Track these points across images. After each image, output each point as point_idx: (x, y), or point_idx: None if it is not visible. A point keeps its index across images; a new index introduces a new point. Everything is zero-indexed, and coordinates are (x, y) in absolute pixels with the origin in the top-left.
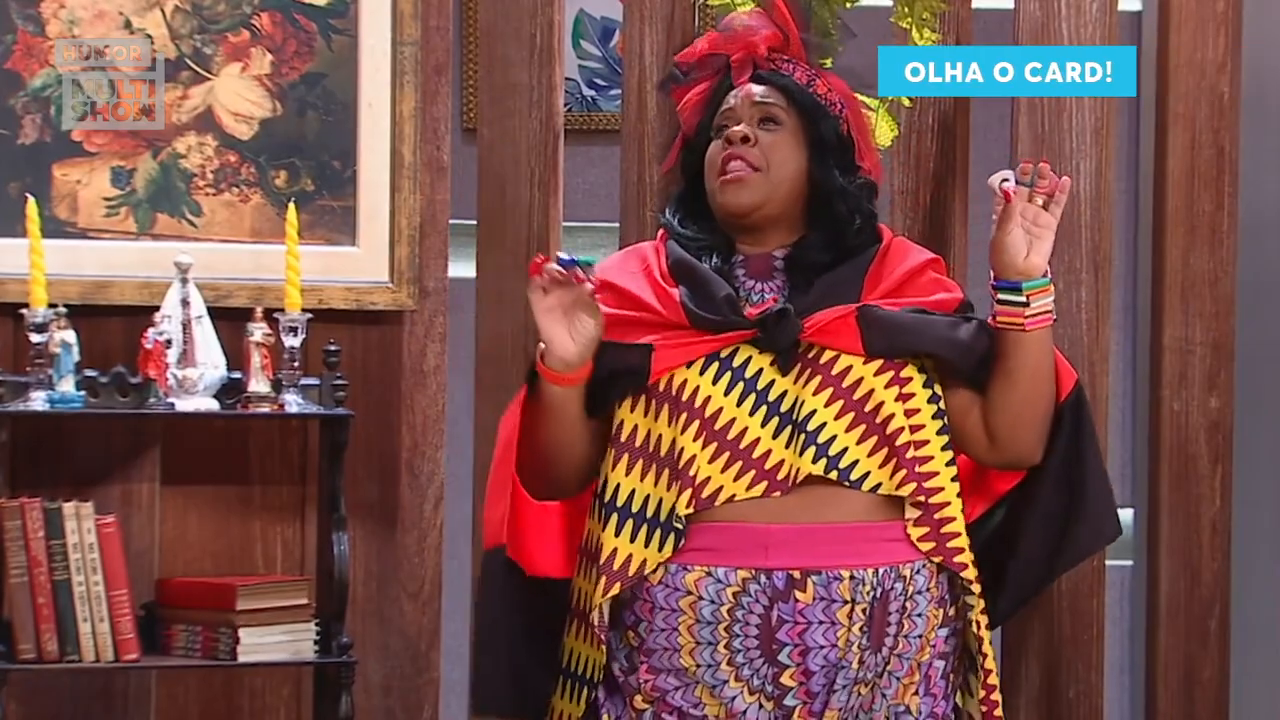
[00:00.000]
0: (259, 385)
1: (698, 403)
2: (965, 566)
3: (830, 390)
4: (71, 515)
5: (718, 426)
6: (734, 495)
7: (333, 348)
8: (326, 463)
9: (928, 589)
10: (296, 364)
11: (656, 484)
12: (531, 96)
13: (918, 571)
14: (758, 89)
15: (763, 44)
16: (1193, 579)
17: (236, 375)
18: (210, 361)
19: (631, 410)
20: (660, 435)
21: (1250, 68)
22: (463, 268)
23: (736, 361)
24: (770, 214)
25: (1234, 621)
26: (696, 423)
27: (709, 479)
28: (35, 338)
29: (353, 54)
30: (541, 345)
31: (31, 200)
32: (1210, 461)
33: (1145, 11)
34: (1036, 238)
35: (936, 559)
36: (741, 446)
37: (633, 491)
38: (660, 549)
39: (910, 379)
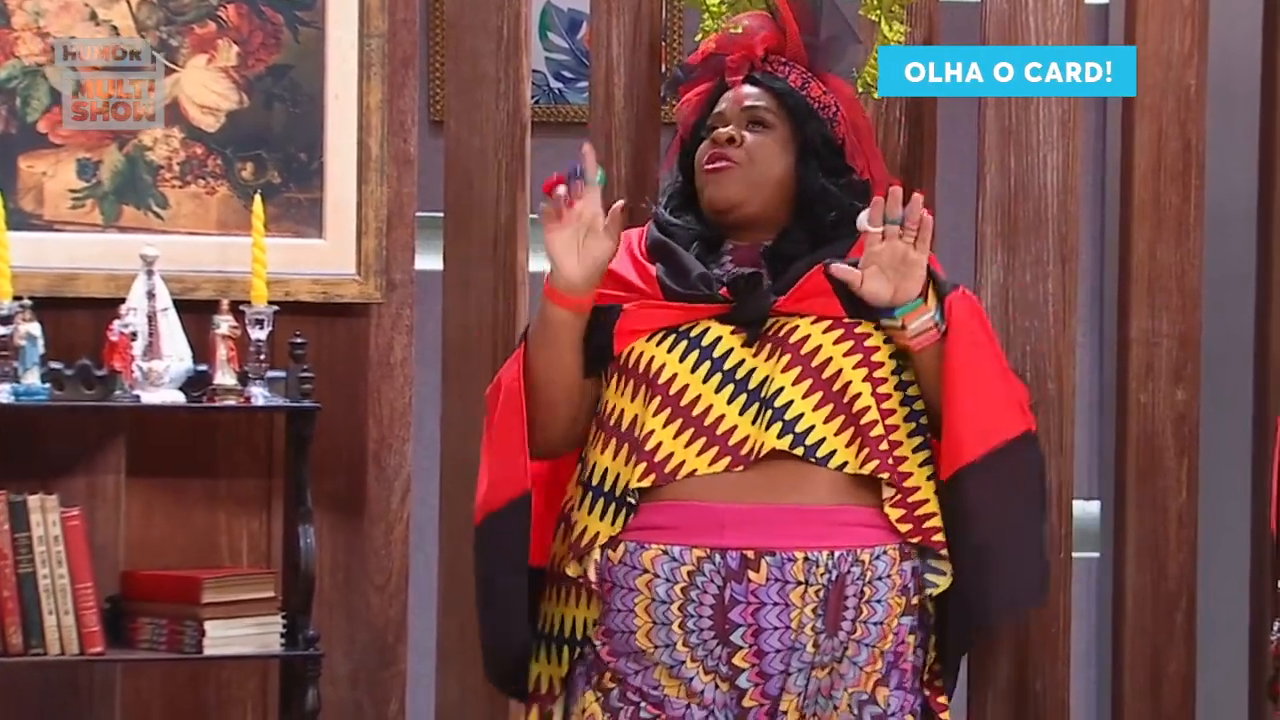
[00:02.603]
0: (225, 378)
1: (662, 379)
2: (943, 545)
3: (799, 369)
4: (37, 508)
5: (683, 402)
6: (695, 470)
7: (299, 340)
8: (293, 455)
9: (889, 575)
10: (263, 356)
11: (615, 458)
12: (499, 89)
13: (877, 557)
14: (749, 91)
15: (760, 45)
16: (1159, 571)
17: (202, 368)
18: (176, 354)
19: (610, 387)
20: (624, 410)
21: (1217, 60)
22: (430, 260)
23: (706, 340)
24: (753, 212)
25: (1200, 614)
26: (659, 398)
27: (671, 454)
28: (0, 330)
29: (319, 46)
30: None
31: None
32: (1177, 454)
33: (1112, 4)
34: (904, 276)
35: (915, 539)
36: (705, 422)
37: (594, 465)
38: (612, 522)
39: (877, 349)
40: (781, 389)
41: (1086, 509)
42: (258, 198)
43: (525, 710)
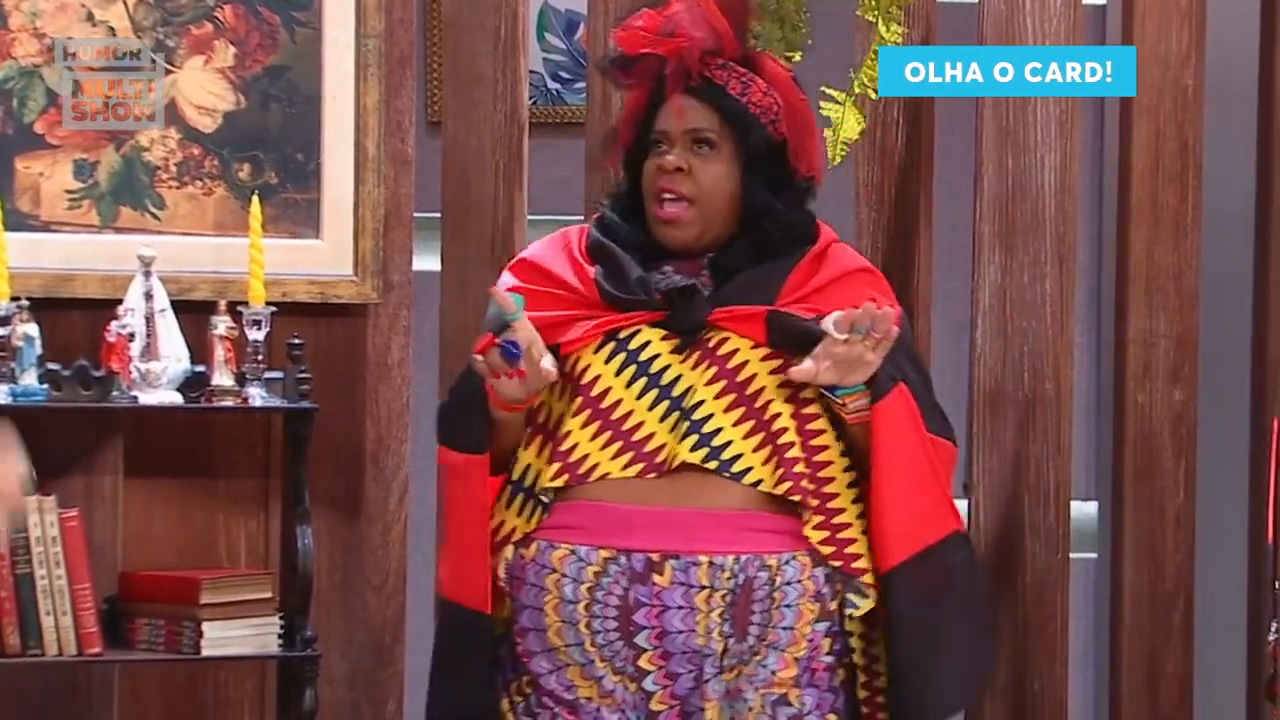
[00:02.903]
0: (223, 379)
1: (585, 380)
2: (864, 571)
3: (723, 382)
4: (34, 509)
5: (604, 405)
6: (608, 473)
7: (297, 341)
8: (290, 456)
9: (798, 580)
10: (260, 357)
11: (538, 456)
12: (496, 89)
13: (786, 563)
14: (690, 107)
15: (696, 50)
16: (1156, 572)
17: (200, 369)
18: (173, 355)
19: (546, 390)
20: (553, 410)
21: (1214, 61)
22: (427, 261)
23: (634, 344)
24: (707, 243)
25: (1197, 615)
26: (581, 399)
27: (586, 455)
28: None
29: (316, 46)
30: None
31: None
32: (1174, 454)
33: (1109, 5)
34: (853, 369)
35: (836, 563)
36: (624, 427)
37: (519, 461)
38: (528, 519)
39: (805, 385)
40: (702, 401)
41: (1084, 509)
42: (255, 198)
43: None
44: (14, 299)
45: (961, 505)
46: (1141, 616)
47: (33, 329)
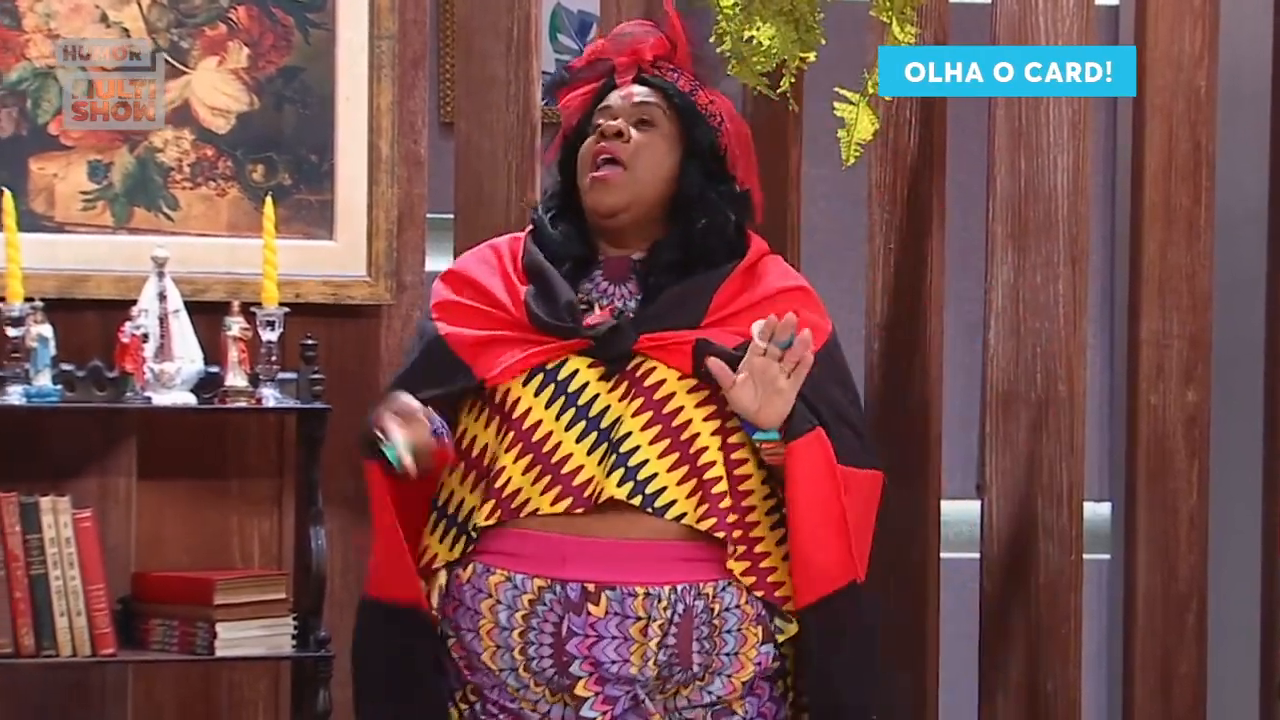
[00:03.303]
0: (236, 379)
1: (516, 414)
2: (786, 600)
3: (650, 414)
4: (48, 509)
5: (535, 439)
6: (537, 508)
7: (310, 342)
8: (304, 456)
9: (738, 606)
10: (274, 358)
11: (465, 486)
12: (509, 90)
13: (723, 590)
14: (639, 90)
15: (649, 51)
16: (1170, 573)
17: (213, 369)
18: (187, 355)
19: (470, 414)
20: (482, 443)
21: (1227, 62)
22: (440, 261)
23: (562, 374)
24: (635, 216)
25: (1211, 615)
26: (512, 434)
27: (519, 489)
28: (12, 331)
29: (330, 48)
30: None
31: (7, 194)
32: (1187, 455)
33: (1122, 6)
34: (768, 400)
35: (759, 593)
36: (553, 461)
37: (444, 487)
38: (450, 548)
39: (732, 414)
40: (629, 434)
41: (1097, 510)
42: (268, 199)
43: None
44: (28, 300)
45: (974, 506)
46: (1155, 617)
47: (47, 330)
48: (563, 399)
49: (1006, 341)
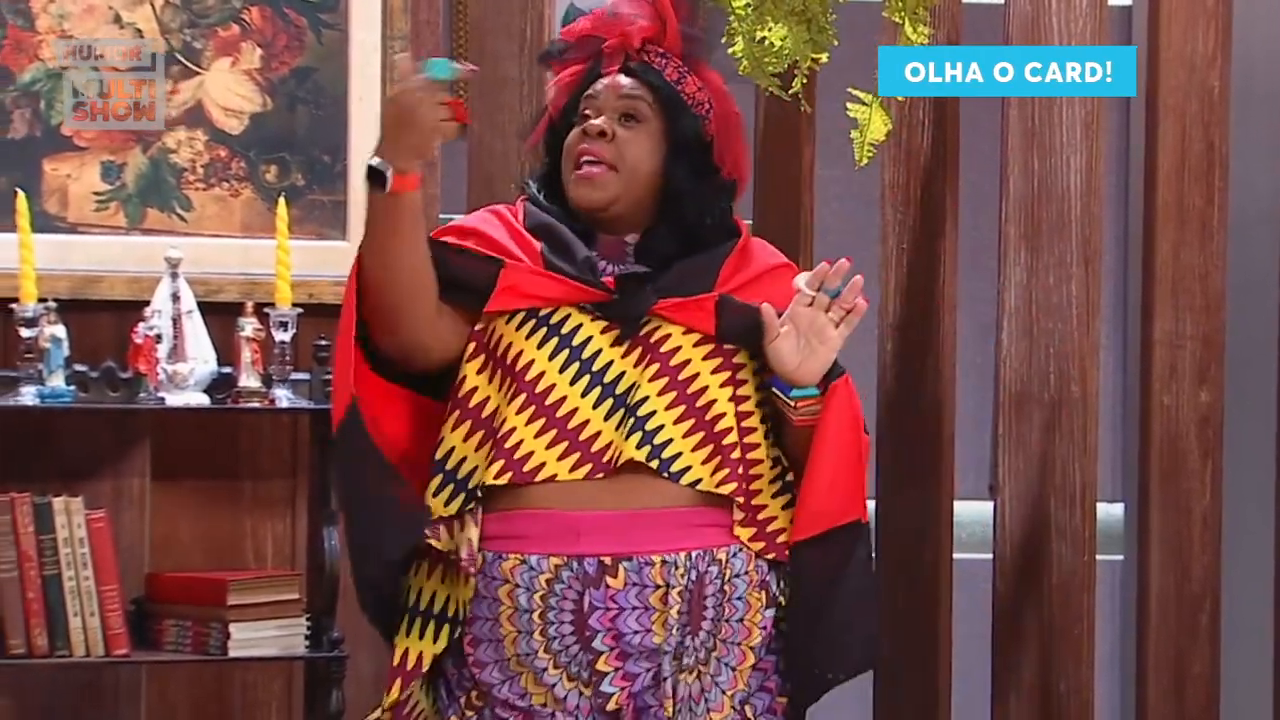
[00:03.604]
0: (249, 380)
1: (529, 376)
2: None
3: (665, 380)
4: (61, 510)
5: (547, 401)
6: (555, 474)
7: (323, 342)
8: (317, 457)
9: (745, 572)
10: (287, 359)
11: (470, 443)
12: (521, 91)
13: (734, 555)
14: (625, 82)
15: (638, 35)
16: (1183, 573)
17: (227, 370)
18: (200, 356)
19: (475, 369)
20: (485, 395)
21: (1240, 62)
22: None
23: (566, 329)
24: (621, 211)
25: (1224, 616)
26: (524, 394)
27: (531, 453)
28: (25, 332)
29: (343, 48)
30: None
31: (21, 195)
32: (1200, 456)
33: (1135, 6)
34: (813, 352)
35: (769, 556)
36: (569, 425)
37: (445, 443)
38: (446, 504)
39: (743, 366)
40: (646, 398)
41: (1110, 511)
42: (282, 200)
43: (387, 684)
44: (42, 300)
45: (987, 506)
46: (1168, 618)
47: (60, 330)
48: (576, 363)
49: (1019, 342)
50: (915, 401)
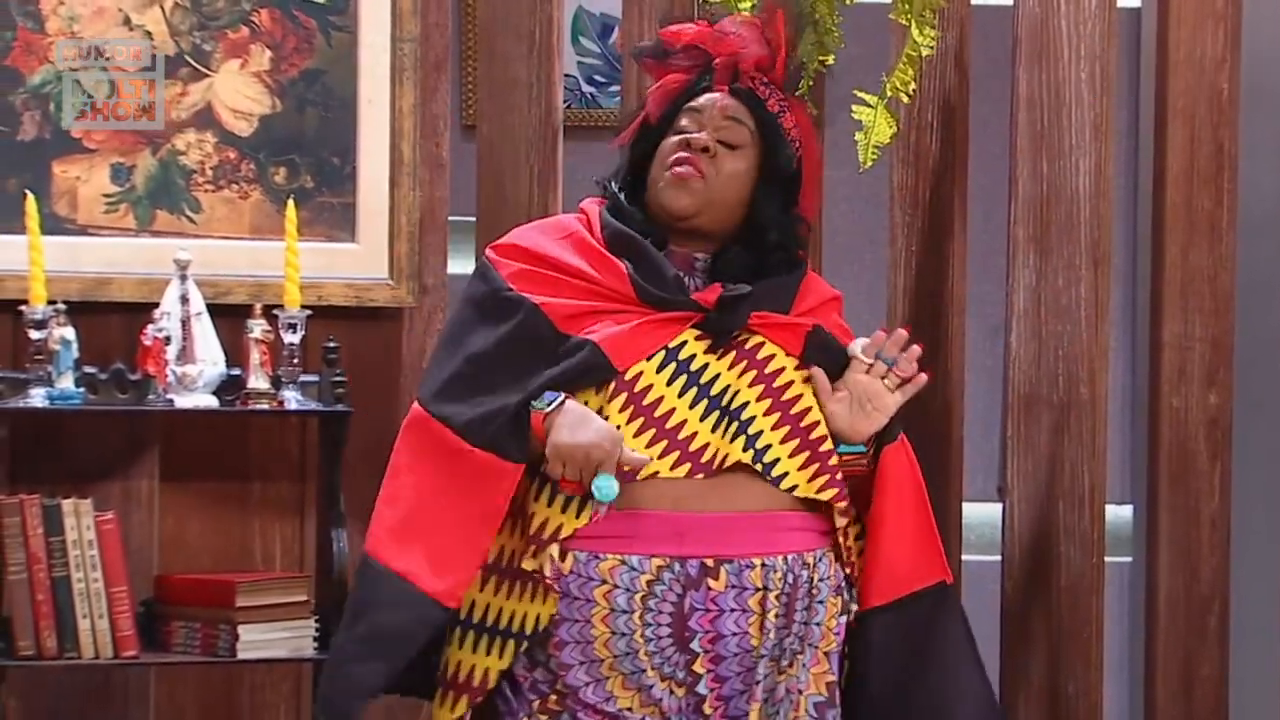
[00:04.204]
0: (258, 382)
1: (629, 377)
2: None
3: (762, 386)
4: (70, 512)
5: (645, 402)
6: (657, 471)
7: (332, 344)
8: (326, 459)
9: (828, 576)
10: (296, 361)
11: None
12: (531, 93)
13: (820, 559)
14: (731, 103)
15: (750, 59)
16: (1192, 575)
17: (236, 372)
18: (209, 358)
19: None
20: (587, 402)
21: (1249, 64)
22: (462, 264)
23: (673, 343)
24: (703, 225)
25: (1233, 618)
26: (625, 395)
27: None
28: (35, 334)
29: (352, 50)
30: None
31: (31, 197)
32: (1209, 458)
33: (1144, 8)
34: (866, 415)
35: (847, 570)
36: (668, 425)
37: None
38: (577, 515)
39: None
40: (746, 403)
41: (1119, 513)
42: (291, 202)
43: (451, 700)
44: (51, 302)
45: (995, 508)
46: (1176, 620)
47: (69, 332)
48: (684, 376)
49: (1028, 344)
50: (924, 404)
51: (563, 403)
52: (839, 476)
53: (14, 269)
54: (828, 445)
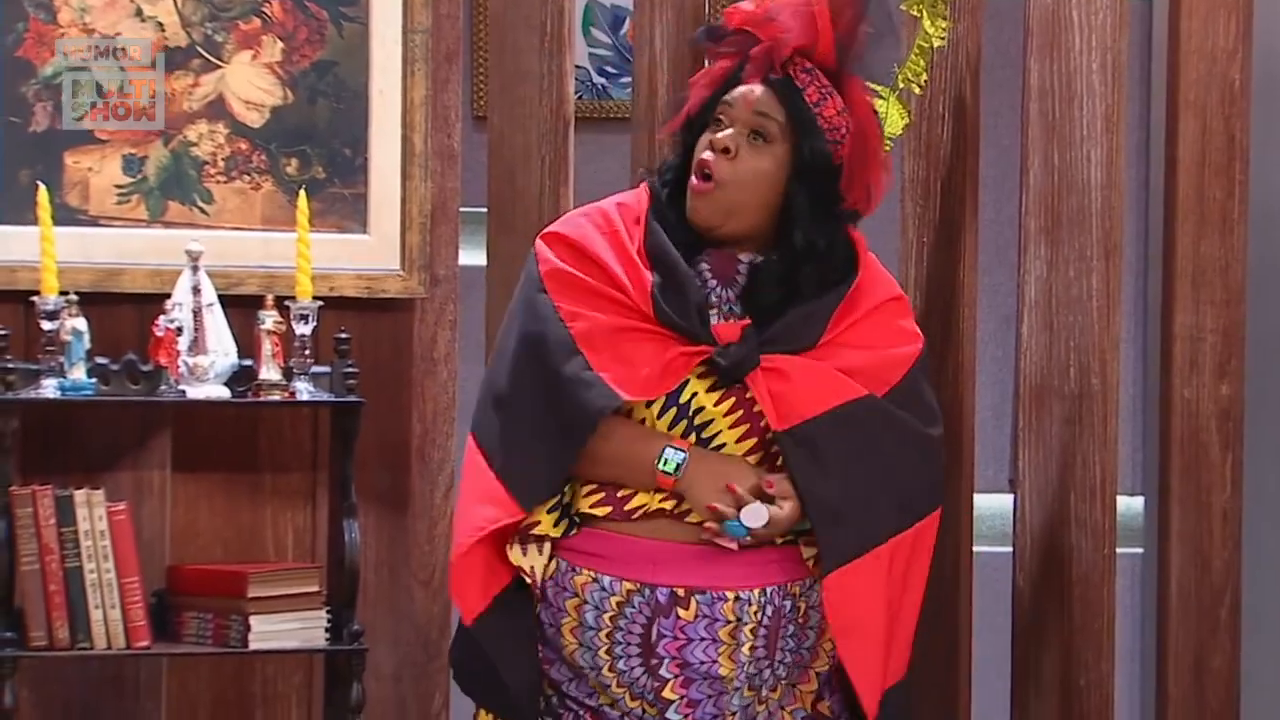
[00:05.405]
0: (270, 373)
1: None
2: None
3: (755, 440)
4: (83, 503)
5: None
6: (645, 505)
7: (344, 335)
8: (337, 450)
9: (819, 604)
10: (307, 351)
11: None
12: (542, 84)
13: (810, 588)
14: (760, 95)
15: (788, 46)
16: (1203, 567)
17: (247, 363)
18: (221, 349)
19: None
20: None
21: (1261, 55)
22: (473, 255)
23: (683, 396)
24: (733, 230)
25: (1244, 609)
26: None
27: (634, 493)
28: (47, 325)
29: (364, 42)
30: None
31: (42, 188)
32: (1221, 449)
33: None
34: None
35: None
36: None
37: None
38: (555, 524)
39: None
40: (719, 431)
41: (1130, 504)
42: (302, 193)
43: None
44: (63, 293)
45: (1007, 499)
46: (1188, 611)
47: (81, 323)
48: (674, 409)
49: (1039, 335)
50: (935, 394)
51: (686, 462)
52: None
53: (26, 260)
54: None
